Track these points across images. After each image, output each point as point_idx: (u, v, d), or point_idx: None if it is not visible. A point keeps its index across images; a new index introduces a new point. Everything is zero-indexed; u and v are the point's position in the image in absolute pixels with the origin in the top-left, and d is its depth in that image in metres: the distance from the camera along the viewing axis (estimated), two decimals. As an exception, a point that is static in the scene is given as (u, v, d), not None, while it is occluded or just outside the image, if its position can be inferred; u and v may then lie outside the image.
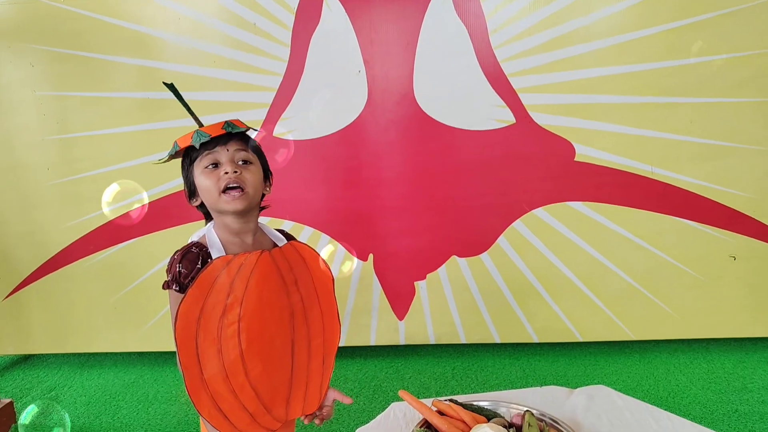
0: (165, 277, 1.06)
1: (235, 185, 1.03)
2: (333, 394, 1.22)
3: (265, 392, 1.06)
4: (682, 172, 2.41)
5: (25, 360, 3.02)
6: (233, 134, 1.06)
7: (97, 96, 2.50)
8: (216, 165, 1.05)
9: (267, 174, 1.14)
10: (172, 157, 1.10)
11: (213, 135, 1.03)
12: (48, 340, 2.80)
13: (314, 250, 1.16)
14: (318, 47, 2.41)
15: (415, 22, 2.37)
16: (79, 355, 3.00)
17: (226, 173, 1.03)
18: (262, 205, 1.15)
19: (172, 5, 2.40)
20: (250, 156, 1.09)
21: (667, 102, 2.35)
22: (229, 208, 1.04)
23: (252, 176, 1.07)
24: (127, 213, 1.14)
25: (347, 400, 1.21)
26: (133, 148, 2.51)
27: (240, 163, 1.06)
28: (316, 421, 1.20)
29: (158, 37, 2.43)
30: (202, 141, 1.02)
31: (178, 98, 1.08)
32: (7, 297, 2.74)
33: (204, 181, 1.04)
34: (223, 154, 1.05)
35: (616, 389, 1.37)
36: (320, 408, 1.20)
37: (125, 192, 1.11)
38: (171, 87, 1.08)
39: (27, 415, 1.32)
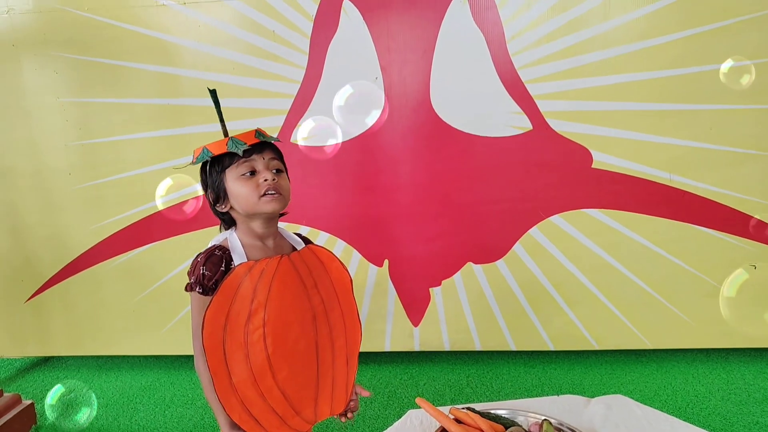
0: (183, 281, 1.08)
1: (273, 192, 1.08)
2: (354, 388, 1.26)
3: (293, 394, 1.08)
4: (701, 180, 2.39)
5: (45, 362, 3.07)
6: (266, 143, 1.10)
7: (118, 102, 2.54)
8: (253, 172, 1.08)
9: None
10: (197, 163, 1.12)
11: (249, 144, 1.06)
12: (68, 342, 2.84)
13: (331, 252, 1.19)
14: (336, 54, 2.43)
15: (432, 30, 2.38)
16: (97, 357, 3.04)
17: (266, 180, 1.07)
18: (281, 212, 1.17)
19: (192, 13, 2.44)
20: (281, 165, 1.13)
21: (686, 109, 2.33)
22: (269, 208, 1.08)
23: (285, 183, 1.12)
24: (182, 207, 1.18)
25: (365, 393, 1.25)
26: (153, 153, 2.55)
27: (274, 171, 1.10)
28: (349, 415, 1.23)
29: (178, 44, 2.47)
30: (243, 149, 1.05)
31: (215, 104, 1.12)
32: (29, 299, 2.79)
33: (241, 188, 1.07)
34: (259, 162, 1.09)
35: (633, 399, 1.36)
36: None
37: (179, 186, 1.15)
38: (213, 93, 1.12)
39: (54, 396, 1.34)
